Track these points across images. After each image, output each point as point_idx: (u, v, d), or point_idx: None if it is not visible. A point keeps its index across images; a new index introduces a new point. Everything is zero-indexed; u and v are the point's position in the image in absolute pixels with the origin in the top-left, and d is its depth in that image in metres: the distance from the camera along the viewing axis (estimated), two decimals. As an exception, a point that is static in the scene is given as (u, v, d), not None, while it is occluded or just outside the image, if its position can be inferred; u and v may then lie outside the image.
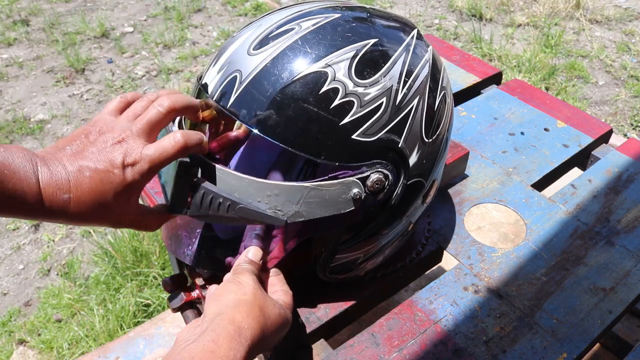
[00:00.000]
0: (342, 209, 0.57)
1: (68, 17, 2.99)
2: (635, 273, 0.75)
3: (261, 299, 0.52)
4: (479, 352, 0.66)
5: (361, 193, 0.57)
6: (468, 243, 0.80)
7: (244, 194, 0.55)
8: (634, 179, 0.91)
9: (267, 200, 0.55)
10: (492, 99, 1.09)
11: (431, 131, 0.61)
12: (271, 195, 0.55)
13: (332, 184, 0.56)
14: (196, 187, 0.53)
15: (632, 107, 2.33)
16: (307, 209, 0.56)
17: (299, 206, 0.56)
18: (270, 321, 0.51)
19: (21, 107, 2.36)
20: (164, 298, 1.51)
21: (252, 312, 0.50)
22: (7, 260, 1.72)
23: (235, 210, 0.54)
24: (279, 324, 0.53)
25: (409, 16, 2.96)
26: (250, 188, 0.54)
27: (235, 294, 0.51)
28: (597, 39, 2.77)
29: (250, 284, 0.53)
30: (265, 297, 0.53)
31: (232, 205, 0.54)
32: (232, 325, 0.48)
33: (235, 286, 0.53)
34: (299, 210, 0.56)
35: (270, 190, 0.55)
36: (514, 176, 0.91)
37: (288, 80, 0.53)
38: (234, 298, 0.51)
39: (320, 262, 0.65)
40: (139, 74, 2.56)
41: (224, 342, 0.46)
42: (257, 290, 0.53)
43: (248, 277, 0.54)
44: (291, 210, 0.56)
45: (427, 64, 0.60)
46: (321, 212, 0.56)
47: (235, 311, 0.49)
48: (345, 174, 0.56)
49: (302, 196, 0.55)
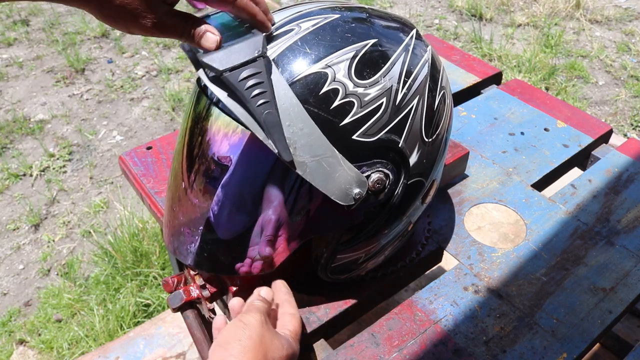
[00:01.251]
0: (337, 197, 0.56)
1: (68, 17, 2.99)
2: (635, 273, 0.75)
3: (267, 342, 0.53)
4: (479, 352, 0.66)
5: (362, 194, 0.57)
6: (468, 243, 0.80)
7: (284, 111, 0.52)
8: (634, 179, 0.91)
9: (293, 130, 0.53)
10: (492, 99, 1.09)
11: (431, 131, 0.61)
12: (302, 129, 0.53)
13: (351, 168, 0.56)
14: (258, 62, 0.50)
15: (632, 107, 2.33)
16: (314, 170, 0.54)
17: (311, 159, 0.54)
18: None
19: (21, 107, 2.36)
20: (164, 298, 1.51)
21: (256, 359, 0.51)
22: (7, 260, 1.72)
23: (264, 110, 0.51)
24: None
25: (409, 16, 2.96)
26: (291, 109, 0.52)
27: (240, 342, 0.51)
28: (597, 39, 2.77)
29: (256, 326, 0.53)
30: (272, 339, 0.54)
31: (269, 104, 0.51)
32: None
33: (241, 331, 0.53)
34: (307, 163, 0.54)
35: (305, 124, 0.53)
36: (514, 176, 0.91)
37: (288, 81, 0.53)
38: (239, 347, 0.51)
39: (322, 263, 0.65)
40: (139, 74, 2.56)
41: None
42: (264, 332, 0.53)
43: (256, 317, 0.54)
44: (301, 157, 0.54)
45: (426, 64, 0.60)
46: (322, 184, 0.55)
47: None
48: None
49: (322, 154, 0.54)
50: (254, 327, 0.53)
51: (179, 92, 2.38)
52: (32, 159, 2.09)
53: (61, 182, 1.99)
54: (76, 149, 2.15)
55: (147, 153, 0.91)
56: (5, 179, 1.99)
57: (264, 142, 0.52)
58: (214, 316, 0.69)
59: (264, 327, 0.54)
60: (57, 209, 1.89)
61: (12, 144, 2.17)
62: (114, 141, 2.19)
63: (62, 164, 2.07)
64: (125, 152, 0.92)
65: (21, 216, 1.86)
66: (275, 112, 0.51)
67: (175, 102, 2.35)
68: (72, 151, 2.14)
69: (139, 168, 0.88)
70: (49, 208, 1.90)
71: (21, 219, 1.85)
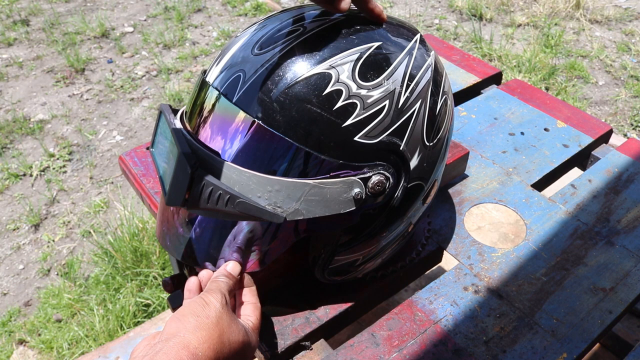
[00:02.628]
0: (342, 208, 0.57)
1: (68, 17, 2.99)
2: (635, 273, 0.75)
3: (224, 324, 0.52)
4: (479, 352, 0.66)
5: (362, 193, 0.57)
6: (468, 243, 0.80)
7: (244, 188, 0.54)
8: (634, 179, 0.91)
9: (267, 196, 0.54)
10: (492, 99, 1.09)
11: (432, 135, 0.61)
12: (272, 191, 0.54)
13: (334, 182, 0.56)
14: (196, 179, 0.53)
15: (632, 107, 2.33)
16: (307, 207, 0.56)
17: (299, 204, 0.55)
18: (229, 349, 0.51)
19: (21, 107, 2.36)
20: (164, 298, 1.51)
21: (210, 339, 0.49)
22: (7, 260, 1.72)
23: (234, 205, 0.53)
24: (238, 351, 0.53)
25: (409, 16, 2.96)
26: (250, 182, 0.54)
27: (197, 318, 0.51)
28: (597, 39, 2.77)
29: (216, 306, 0.53)
30: (230, 323, 0.53)
31: (232, 198, 0.53)
32: (186, 351, 0.47)
33: (200, 308, 0.52)
34: (298, 208, 0.55)
35: (271, 185, 0.54)
36: (514, 176, 0.91)
37: (292, 81, 0.54)
38: (195, 322, 0.50)
39: (319, 264, 0.65)
40: (139, 74, 2.56)
41: None
42: (223, 314, 0.52)
43: (217, 297, 0.54)
44: (291, 208, 0.55)
45: (429, 68, 0.61)
46: (321, 211, 0.56)
47: (192, 336, 0.49)
48: (346, 173, 0.56)
49: (303, 193, 0.55)
50: (214, 306, 0.52)
51: (179, 92, 2.38)
52: (32, 159, 2.09)
53: (61, 182, 1.99)
54: (76, 149, 2.15)
55: (147, 153, 0.91)
56: (5, 179, 1.99)
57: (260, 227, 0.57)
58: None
59: (224, 308, 0.53)
60: (57, 209, 1.89)
61: (12, 144, 2.17)
62: (114, 141, 2.19)
63: (62, 164, 2.07)
64: (125, 152, 0.92)
65: (21, 216, 1.86)
66: (240, 199, 0.53)
67: (176, 102, 2.35)
68: (72, 151, 2.14)
69: (139, 168, 0.88)
70: (49, 208, 1.90)
71: (21, 219, 1.85)
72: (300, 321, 0.68)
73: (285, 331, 0.67)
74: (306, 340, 0.67)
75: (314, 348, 0.68)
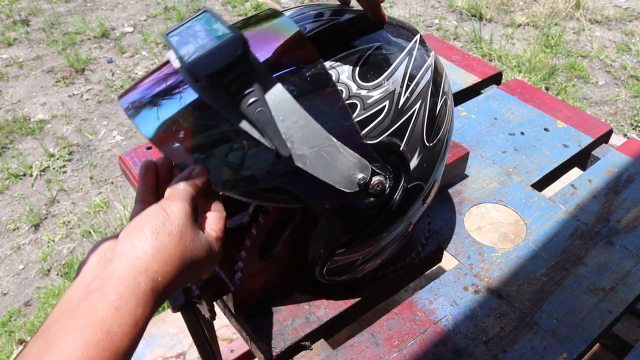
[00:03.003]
0: (341, 184, 0.55)
1: (68, 17, 2.99)
2: (635, 273, 0.75)
3: (187, 241, 0.46)
4: (479, 352, 0.66)
5: (366, 180, 0.56)
6: (468, 243, 0.80)
7: (275, 104, 0.51)
8: (634, 179, 0.91)
9: (288, 125, 0.51)
10: (492, 99, 1.09)
11: (432, 135, 0.61)
12: (296, 123, 0.51)
13: (351, 154, 0.55)
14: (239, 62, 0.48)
15: (632, 107, 2.33)
16: (313, 161, 0.53)
17: (309, 151, 0.53)
18: (191, 267, 0.46)
19: (21, 107, 2.36)
20: (164, 298, 1.50)
21: (171, 261, 0.44)
22: (7, 260, 1.72)
23: (255, 109, 0.49)
24: (199, 268, 0.48)
25: (408, 16, 2.96)
26: (283, 103, 0.51)
27: (156, 236, 0.44)
28: (597, 39, 2.77)
29: (178, 221, 0.46)
30: (193, 238, 0.46)
31: (259, 101, 0.49)
32: (145, 276, 0.42)
33: (160, 223, 0.45)
34: (306, 155, 0.53)
35: (299, 116, 0.51)
36: (514, 176, 0.91)
37: None
38: (154, 242, 0.44)
39: (319, 264, 0.65)
40: (139, 74, 2.56)
41: (132, 299, 0.40)
42: (186, 229, 0.46)
43: (180, 207, 0.46)
44: (300, 150, 0.52)
45: (429, 69, 0.61)
46: (323, 173, 0.54)
47: (152, 259, 0.43)
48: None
49: (320, 144, 0.53)
50: (176, 221, 0.45)
51: (179, 92, 2.38)
52: (32, 159, 2.09)
53: (61, 182, 1.99)
54: (76, 149, 2.15)
55: (147, 153, 0.91)
56: (5, 179, 1.99)
57: (260, 141, 0.50)
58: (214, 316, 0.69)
59: (187, 222, 0.46)
60: (57, 209, 1.89)
61: (12, 144, 2.17)
62: (114, 141, 2.19)
63: (62, 164, 2.07)
64: (125, 152, 0.92)
65: (21, 216, 1.86)
66: (266, 109, 0.50)
67: (175, 102, 2.35)
68: (72, 151, 2.14)
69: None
70: (49, 208, 1.90)
71: (21, 219, 1.85)
72: (300, 321, 0.68)
73: (285, 331, 0.67)
74: (306, 340, 0.67)
75: (314, 348, 0.68)
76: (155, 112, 0.51)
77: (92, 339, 0.38)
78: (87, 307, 0.39)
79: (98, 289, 0.41)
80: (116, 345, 0.39)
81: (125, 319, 0.40)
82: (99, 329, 0.38)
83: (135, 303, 0.41)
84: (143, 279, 0.42)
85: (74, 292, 0.41)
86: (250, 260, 0.64)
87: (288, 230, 0.67)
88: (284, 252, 0.68)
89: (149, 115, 0.51)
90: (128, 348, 0.40)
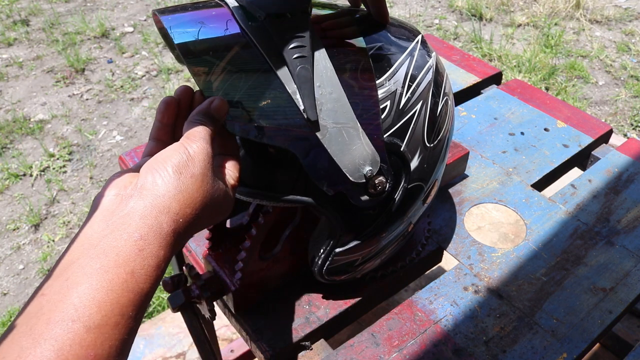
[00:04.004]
0: (348, 170, 0.55)
1: (68, 17, 2.99)
2: (635, 273, 0.75)
3: (208, 185, 0.44)
4: (479, 352, 0.66)
5: (373, 172, 0.56)
6: (468, 243, 0.80)
7: (318, 69, 0.51)
8: (634, 179, 0.91)
9: (322, 92, 0.52)
10: (492, 99, 1.09)
11: (433, 136, 0.61)
12: (331, 94, 0.52)
13: (368, 144, 0.54)
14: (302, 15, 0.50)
15: (632, 107, 2.33)
16: (333, 137, 0.53)
17: (333, 125, 0.52)
18: (209, 212, 0.45)
19: (21, 107, 2.36)
20: (164, 298, 1.51)
21: (192, 203, 0.43)
22: (7, 260, 1.72)
23: (299, 62, 0.50)
24: (215, 214, 0.47)
25: (409, 16, 2.96)
26: (324, 72, 0.51)
27: (179, 176, 0.42)
28: (597, 39, 2.77)
29: (201, 161, 0.44)
30: (213, 183, 0.45)
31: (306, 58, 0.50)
32: (167, 217, 0.41)
33: (184, 163, 0.43)
34: (329, 128, 0.52)
35: (334, 88, 0.52)
36: (514, 176, 0.91)
37: None
38: (177, 182, 0.42)
39: (318, 264, 0.65)
40: (139, 74, 2.56)
41: (154, 240, 0.40)
42: (207, 172, 0.44)
43: (202, 148, 0.45)
44: (324, 121, 0.52)
45: (430, 69, 0.61)
46: (337, 152, 0.53)
47: (174, 200, 0.41)
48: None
49: (344, 122, 0.53)
50: (199, 163, 0.44)
51: (179, 92, 2.38)
52: (32, 159, 2.09)
53: (61, 182, 1.99)
54: (76, 149, 2.15)
55: (147, 153, 0.91)
56: (5, 179, 1.99)
57: (292, 95, 0.50)
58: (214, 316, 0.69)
59: (209, 163, 0.45)
60: (57, 209, 1.89)
61: (12, 144, 2.17)
62: (114, 141, 2.19)
63: (62, 164, 2.07)
64: (125, 152, 0.92)
65: (21, 216, 1.86)
66: (309, 69, 0.50)
67: (175, 102, 2.35)
68: (72, 151, 2.14)
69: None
70: (49, 208, 1.90)
71: (21, 219, 1.85)
72: (300, 321, 0.68)
73: (285, 331, 0.67)
74: (306, 340, 0.67)
75: (314, 348, 0.68)
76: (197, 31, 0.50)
77: (116, 280, 0.37)
78: (108, 246, 0.38)
79: (119, 227, 0.39)
80: (140, 287, 0.38)
81: (148, 260, 0.39)
82: (122, 270, 0.37)
83: (158, 245, 0.40)
84: (165, 220, 0.41)
85: (93, 230, 0.39)
86: (250, 260, 0.64)
87: (288, 230, 0.67)
88: (284, 252, 0.68)
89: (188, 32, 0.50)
90: (149, 290, 0.39)
